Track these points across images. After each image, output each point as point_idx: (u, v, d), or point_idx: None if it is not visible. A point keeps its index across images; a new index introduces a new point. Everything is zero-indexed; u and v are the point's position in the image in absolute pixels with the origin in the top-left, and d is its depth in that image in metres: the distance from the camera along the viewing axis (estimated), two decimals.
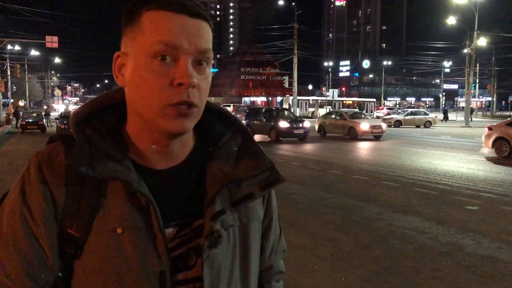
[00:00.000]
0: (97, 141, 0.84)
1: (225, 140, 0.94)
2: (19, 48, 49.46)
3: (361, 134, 21.91)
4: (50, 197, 0.82)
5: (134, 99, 0.83)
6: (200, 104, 0.83)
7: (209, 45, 0.84)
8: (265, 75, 78.91)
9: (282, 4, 45.35)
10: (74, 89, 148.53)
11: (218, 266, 0.86)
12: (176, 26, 0.80)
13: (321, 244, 5.76)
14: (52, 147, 0.86)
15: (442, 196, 8.79)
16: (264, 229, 1.02)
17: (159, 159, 0.88)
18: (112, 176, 0.81)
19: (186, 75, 0.79)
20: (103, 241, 0.81)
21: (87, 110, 0.90)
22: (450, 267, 4.98)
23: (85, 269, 0.82)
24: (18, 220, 0.81)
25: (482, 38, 41.79)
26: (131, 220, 0.81)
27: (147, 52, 0.80)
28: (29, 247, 0.81)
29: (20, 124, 28.73)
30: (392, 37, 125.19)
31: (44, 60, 69.92)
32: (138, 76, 0.81)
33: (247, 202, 0.90)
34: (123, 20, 0.85)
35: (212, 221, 0.85)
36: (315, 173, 11.70)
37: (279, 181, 0.94)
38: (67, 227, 0.81)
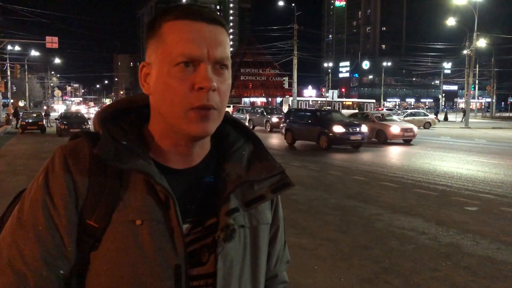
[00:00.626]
0: (121, 137, 0.89)
1: (238, 146, 0.99)
2: (19, 48, 49.44)
3: (391, 138, 20.03)
4: (73, 187, 0.84)
5: (159, 105, 0.88)
6: (220, 106, 0.87)
7: (227, 53, 0.88)
8: (265, 76, 78.91)
9: (282, 5, 45.37)
10: (74, 90, 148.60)
11: (230, 261, 0.90)
12: (196, 34, 0.84)
13: (321, 244, 5.78)
14: (77, 142, 0.90)
15: (441, 197, 8.80)
16: (271, 237, 1.05)
17: (178, 159, 0.92)
18: (136, 168, 0.84)
19: (206, 80, 0.83)
20: (122, 232, 0.83)
21: (111, 110, 0.95)
22: (449, 268, 4.99)
23: (101, 260, 0.83)
24: (40, 208, 0.83)
25: (481, 39, 41.83)
26: (151, 212, 0.84)
27: (169, 61, 0.84)
28: (49, 236, 0.82)
29: (20, 125, 28.73)
30: (392, 38, 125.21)
31: (44, 60, 70.02)
32: (162, 83, 0.85)
33: (258, 203, 0.94)
34: (146, 32, 0.91)
35: (227, 216, 0.89)
36: (314, 174, 11.72)
37: (289, 185, 0.98)
38: (87, 218, 0.84)
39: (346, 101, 59.97)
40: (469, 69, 38.56)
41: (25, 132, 27.40)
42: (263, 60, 78.07)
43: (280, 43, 51.43)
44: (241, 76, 77.12)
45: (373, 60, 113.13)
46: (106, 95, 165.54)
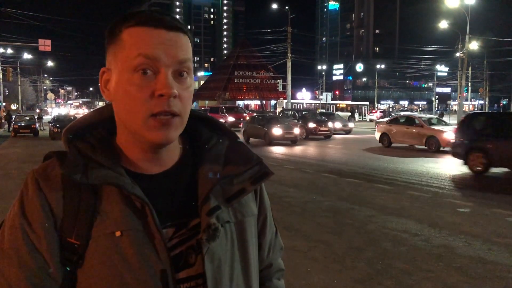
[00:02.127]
0: (89, 152, 0.89)
1: (213, 143, 0.99)
2: (12, 51, 49.20)
3: (446, 145, 17.06)
4: (49, 208, 0.84)
5: (120, 113, 0.88)
6: (183, 113, 0.87)
7: (188, 55, 0.88)
8: (259, 78, 78.85)
9: (275, 8, 45.48)
10: (67, 93, 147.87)
11: (218, 260, 0.89)
12: (154, 39, 0.84)
13: (314, 246, 5.80)
14: (47, 163, 0.91)
15: (434, 198, 8.86)
16: (260, 227, 1.05)
17: (149, 165, 0.92)
18: (106, 181, 0.84)
19: (167, 86, 0.83)
20: (103, 245, 0.83)
21: (78, 125, 0.95)
22: (441, 269, 5.03)
23: (88, 276, 0.84)
24: (19, 234, 0.84)
25: (474, 42, 42.12)
26: (129, 222, 0.84)
27: (128, 66, 0.84)
28: (32, 260, 0.83)
29: (12, 128, 28.60)
30: (385, 41, 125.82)
31: (37, 63, 69.56)
32: (121, 90, 0.85)
33: (239, 197, 0.94)
34: (106, 38, 0.90)
35: (208, 216, 0.88)
36: (308, 176, 11.74)
37: (268, 174, 0.98)
38: (67, 236, 0.84)
39: (340, 103, 60.13)
40: (462, 72, 38.80)
41: (17, 135, 27.28)
42: (257, 63, 78.02)
43: (274, 45, 51.55)
44: (235, 79, 77.05)
45: (367, 62, 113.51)
46: (99, 98, 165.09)
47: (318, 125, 25.10)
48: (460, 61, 39.54)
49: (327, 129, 25.47)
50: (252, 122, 23.41)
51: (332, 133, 26.43)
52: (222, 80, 77.03)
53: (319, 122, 25.73)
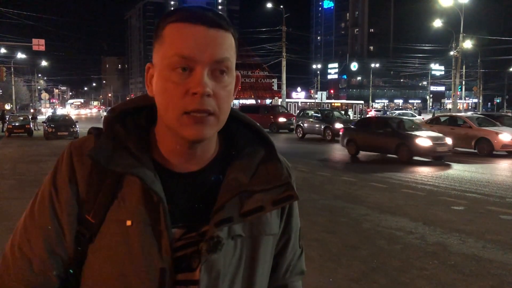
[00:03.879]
0: (123, 137, 0.90)
1: (248, 151, 0.95)
2: (5, 51, 48.90)
3: (500, 149, 15.44)
4: (75, 183, 0.89)
5: (159, 108, 0.89)
6: (217, 111, 0.85)
7: (227, 54, 0.86)
8: (254, 77, 78.72)
9: (270, 7, 45.47)
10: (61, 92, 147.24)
11: (217, 272, 0.87)
12: (191, 37, 0.83)
13: (309, 245, 5.80)
14: (86, 139, 0.93)
15: (428, 196, 8.90)
16: (281, 247, 1.02)
17: (180, 162, 0.91)
18: (128, 170, 0.86)
19: (200, 85, 0.82)
20: (113, 230, 0.86)
21: (120, 109, 0.95)
22: (436, 266, 5.06)
23: (96, 256, 0.87)
24: (46, 200, 0.90)
25: (467, 40, 42.32)
26: (141, 214, 0.86)
27: (166, 64, 0.84)
28: (52, 227, 0.89)
29: (6, 128, 28.42)
30: (380, 40, 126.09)
31: (30, 63, 69.25)
32: (160, 86, 0.86)
33: (256, 214, 0.90)
34: (154, 34, 0.90)
35: (215, 227, 0.86)
36: (304, 175, 11.76)
37: (292, 198, 0.94)
38: (86, 213, 0.88)
39: (335, 102, 60.24)
40: (456, 70, 38.98)
41: (11, 135, 27.12)
42: (252, 62, 77.88)
43: (269, 45, 51.59)
44: None
45: (361, 61, 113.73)
46: (94, 97, 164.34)
47: (345, 125, 22.93)
48: (454, 59, 39.72)
49: None
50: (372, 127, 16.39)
51: None
52: None
53: (345, 122, 23.56)
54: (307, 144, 21.97)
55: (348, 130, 17.05)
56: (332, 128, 23.01)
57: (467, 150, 16.58)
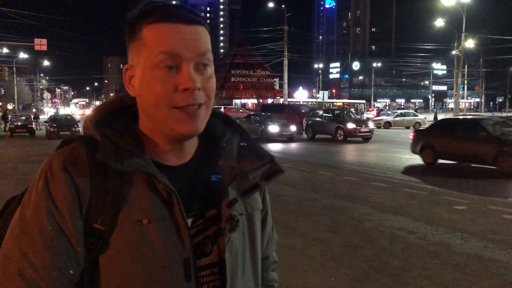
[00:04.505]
0: (118, 139, 0.90)
1: (226, 139, 1.02)
2: (8, 50, 48.97)
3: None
4: (76, 193, 0.85)
5: (146, 108, 0.90)
6: (207, 100, 0.90)
7: (207, 47, 0.90)
8: (255, 77, 78.96)
9: (272, 6, 45.45)
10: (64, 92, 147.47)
11: (235, 250, 0.94)
12: (175, 35, 0.86)
13: (311, 244, 5.81)
14: (72, 147, 0.91)
15: (430, 196, 8.89)
16: (262, 221, 1.09)
17: (171, 156, 0.94)
18: (138, 169, 0.86)
19: (190, 81, 0.85)
20: (129, 232, 0.85)
21: (102, 113, 0.96)
22: (438, 266, 5.05)
23: (112, 261, 0.85)
24: (44, 216, 0.83)
25: (470, 40, 42.27)
26: (156, 211, 0.87)
27: (151, 63, 0.86)
28: (57, 242, 0.83)
29: (8, 128, 28.50)
30: (382, 39, 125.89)
31: (33, 63, 69.32)
32: (145, 85, 0.87)
33: (253, 191, 0.99)
34: (126, 36, 0.92)
35: (229, 208, 0.93)
36: (305, 174, 11.76)
37: (280, 172, 1.03)
38: (93, 222, 0.85)
39: (337, 102, 60.22)
40: (458, 70, 38.92)
41: (14, 135, 27.18)
42: (253, 62, 78.11)
43: (271, 44, 51.55)
44: (231, 78, 77.12)
45: (363, 61, 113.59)
46: (96, 97, 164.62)
47: (358, 125, 22.28)
48: (456, 59, 39.66)
49: (368, 129, 22.36)
50: None
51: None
52: (219, 79, 76.94)
53: (358, 122, 23.04)
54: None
55: (422, 134, 14.21)
56: (344, 128, 22.12)
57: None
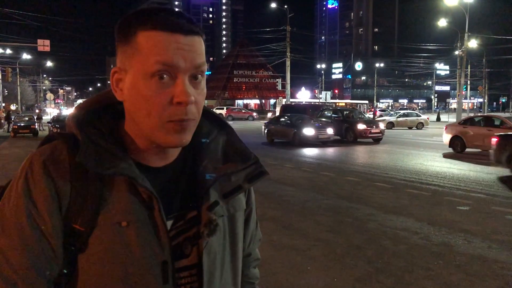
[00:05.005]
0: (100, 140, 0.89)
1: (212, 137, 1.01)
2: (11, 51, 49.14)
3: None
4: (56, 193, 0.85)
5: (135, 114, 0.87)
6: (198, 117, 0.89)
7: (203, 59, 0.89)
8: (258, 77, 78.98)
9: (274, 7, 45.45)
10: (67, 93, 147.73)
11: (214, 253, 0.94)
12: (172, 45, 0.83)
13: (314, 245, 5.80)
14: (54, 146, 0.89)
15: (433, 197, 8.86)
16: (245, 219, 1.08)
17: (155, 157, 0.93)
18: (119, 172, 0.85)
19: (185, 94, 0.84)
20: (108, 234, 0.85)
21: (85, 110, 0.95)
22: (441, 267, 5.04)
23: (90, 262, 0.85)
24: (23, 216, 0.83)
25: (473, 40, 42.17)
26: (135, 213, 0.86)
27: (145, 71, 0.83)
28: (36, 241, 0.83)
29: (12, 128, 28.58)
30: (384, 39, 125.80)
31: (36, 63, 69.51)
32: (137, 94, 0.85)
33: (236, 194, 0.98)
34: (116, 36, 0.88)
35: (209, 211, 0.92)
36: (308, 175, 11.75)
37: (264, 174, 1.01)
38: (72, 222, 0.85)
39: (339, 102, 60.14)
40: (461, 70, 38.81)
41: (17, 135, 27.24)
42: (256, 62, 78.10)
43: (273, 44, 51.55)
44: (234, 78, 77.14)
45: (366, 61, 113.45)
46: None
47: (369, 126, 21.56)
48: (459, 59, 39.54)
49: (379, 130, 21.58)
50: None
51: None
52: (222, 79, 77.08)
53: (369, 123, 22.40)
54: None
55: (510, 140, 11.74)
56: (354, 129, 21.43)
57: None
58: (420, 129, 33.34)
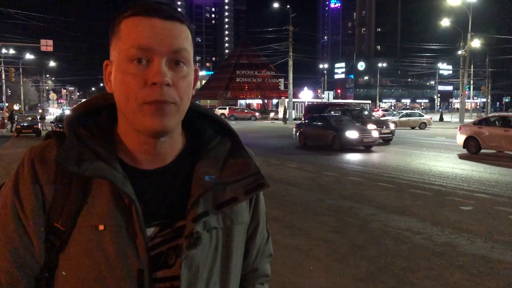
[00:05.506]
0: (88, 139, 0.88)
1: (214, 144, 0.97)
2: (14, 51, 49.29)
3: None
4: (40, 191, 0.85)
5: (119, 102, 0.87)
6: (178, 101, 0.86)
7: (183, 45, 0.86)
8: (260, 77, 78.89)
9: (277, 7, 45.46)
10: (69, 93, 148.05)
11: (196, 266, 0.88)
12: (147, 29, 0.84)
13: (317, 245, 5.80)
14: (46, 144, 0.90)
15: (436, 197, 8.84)
16: (251, 233, 1.04)
17: (147, 159, 0.91)
18: (97, 174, 0.84)
19: (159, 74, 0.82)
20: (85, 236, 0.84)
21: (81, 110, 0.95)
22: (444, 267, 5.03)
23: (68, 262, 0.85)
24: (9, 212, 0.86)
25: (476, 39, 42.06)
26: (113, 218, 0.84)
27: (124, 56, 0.84)
28: (18, 239, 0.85)
29: (15, 128, 28.67)
30: (387, 39, 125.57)
31: (39, 63, 69.70)
32: (118, 79, 0.85)
33: (230, 205, 0.92)
34: (110, 31, 0.90)
35: (193, 223, 0.87)
36: (311, 175, 11.74)
37: (263, 186, 0.96)
38: (54, 221, 0.85)
39: (342, 102, 60.03)
40: (464, 70, 38.73)
41: (20, 135, 27.31)
42: (258, 62, 78.08)
43: (276, 44, 51.56)
44: (236, 78, 77.12)
45: (368, 61, 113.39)
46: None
47: (379, 126, 20.84)
48: (462, 59, 39.48)
49: (389, 131, 21.09)
50: None
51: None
52: (224, 79, 77.08)
53: (378, 123, 21.79)
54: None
55: None
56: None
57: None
58: (423, 129, 33.24)
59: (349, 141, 17.49)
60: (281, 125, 40.03)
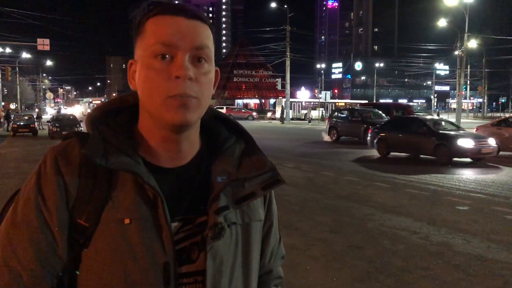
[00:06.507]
0: (111, 136, 0.91)
1: (229, 144, 1.00)
2: (10, 50, 49.09)
3: None
4: (64, 188, 0.86)
5: (142, 98, 0.90)
6: (200, 96, 0.88)
7: (205, 42, 0.89)
8: (258, 77, 78.93)
9: (274, 7, 45.46)
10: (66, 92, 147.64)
11: (220, 258, 0.91)
12: (172, 26, 0.87)
13: (313, 244, 5.80)
14: (68, 142, 0.92)
15: (433, 196, 8.87)
16: (265, 233, 1.06)
17: (167, 157, 0.93)
18: (123, 167, 0.86)
19: (182, 68, 0.85)
20: (111, 231, 0.85)
21: (102, 110, 0.97)
22: (440, 267, 5.04)
23: (92, 258, 0.86)
24: (33, 209, 0.86)
25: (472, 40, 42.15)
26: (139, 211, 0.86)
27: (149, 53, 0.87)
28: (42, 235, 0.85)
29: (11, 127, 28.55)
30: (384, 39, 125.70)
31: (35, 62, 69.53)
32: (142, 75, 0.88)
33: (249, 200, 0.95)
34: (134, 33, 0.94)
35: (216, 215, 0.90)
36: (308, 174, 11.75)
37: (280, 182, 0.99)
38: (78, 217, 0.86)
39: (339, 102, 60.12)
40: (461, 70, 38.82)
41: (16, 135, 27.22)
42: (256, 62, 78.08)
43: (273, 44, 51.57)
44: (234, 78, 77.11)
45: (366, 61, 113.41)
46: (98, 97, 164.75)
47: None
48: (459, 59, 39.53)
49: None
50: None
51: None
52: (221, 79, 74.60)
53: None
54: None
55: None
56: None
57: None
58: None
59: (462, 152, 13.40)
60: (278, 124, 40.08)
